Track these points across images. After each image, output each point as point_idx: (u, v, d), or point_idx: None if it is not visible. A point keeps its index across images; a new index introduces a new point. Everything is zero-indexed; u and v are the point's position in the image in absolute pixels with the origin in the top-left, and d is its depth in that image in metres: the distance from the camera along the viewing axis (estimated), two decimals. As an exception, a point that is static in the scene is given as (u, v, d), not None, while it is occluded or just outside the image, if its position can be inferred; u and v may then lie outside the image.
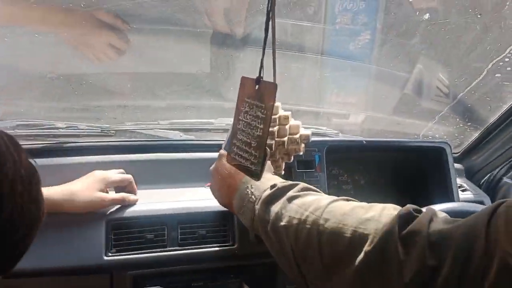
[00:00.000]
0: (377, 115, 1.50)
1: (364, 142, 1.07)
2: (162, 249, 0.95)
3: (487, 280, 0.43)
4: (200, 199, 1.07)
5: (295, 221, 0.66)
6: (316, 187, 0.99)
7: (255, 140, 0.66)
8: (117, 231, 0.95)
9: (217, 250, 0.98)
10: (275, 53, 0.64)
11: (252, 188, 0.78)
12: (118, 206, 0.98)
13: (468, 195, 1.30)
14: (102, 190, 0.93)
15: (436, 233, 0.50)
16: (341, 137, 1.36)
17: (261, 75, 0.64)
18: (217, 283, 0.99)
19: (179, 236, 0.97)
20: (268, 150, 0.68)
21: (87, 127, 1.19)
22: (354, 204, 0.65)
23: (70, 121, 1.16)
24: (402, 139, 1.12)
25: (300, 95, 1.47)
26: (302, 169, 1.00)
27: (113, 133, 1.20)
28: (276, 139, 0.74)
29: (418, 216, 0.55)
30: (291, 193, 0.72)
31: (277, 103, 0.73)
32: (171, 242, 0.97)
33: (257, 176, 0.67)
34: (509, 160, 1.41)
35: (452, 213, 0.83)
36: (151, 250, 0.94)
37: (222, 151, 0.88)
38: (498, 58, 1.06)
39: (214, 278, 0.99)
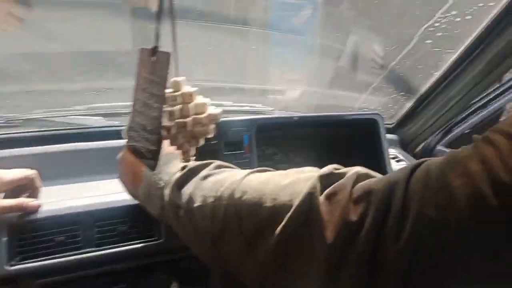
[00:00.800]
0: (313, 89, 1.41)
1: (296, 118, 0.97)
2: (76, 252, 0.82)
3: (403, 232, 0.40)
4: (120, 191, 0.94)
5: (210, 200, 0.58)
6: (247, 169, 0.90)
7: (150, 122, 0.56)
8: (21, 235, 0.80)
9: (141, 247, 0.86)
10: (174, 15, 0.53)
11: (159, 173, 0.67)
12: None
13: (402, 165, 1.25)
14: None
15: (359, 189, 0.46)
16: (276, 114, 1.26)
17: (157, 44, 0.53)
18: (142, 282, 0.87)
19: (95, 236, 0.84)
20: (165, 133, 0.57)
21: (-13, 119, 1.01)
22: (271, 173, 0.59)
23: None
24: (334, 113, 1.03)
25: (232, 71, 1.35)
26: (229, 151, 0.89)
27: (19, 123, 1.03)
28: (178, 120, 0.62)
29: (340, 174, 0.50)
30: (204, 171, 0.62)
31: (180, 78, 0.61)
32: (87, 243, 0.84)
33: (151, 165, 0.56)
34: (442, 128, 1.39)
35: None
36: (62, 254, 0.81)
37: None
38: (428, 24, 0.99)
39: (139, 277, 0.87)
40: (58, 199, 0.89)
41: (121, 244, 0.85)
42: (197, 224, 0.60)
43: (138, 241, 0.86)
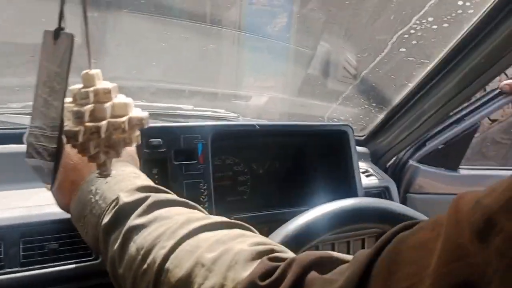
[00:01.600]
0: (281, 96, 1.36)
1: (257, 126, 0.91)
2: (-6, 273, 0.72)
3: None
4: (52, 203, 0.85)
5: (131, 274, 0.49)
6: (200, 181, 0.83)
7: (50, 125, 0.45)
8: None
9: (74, 268, 0.78)
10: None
11: (97, 194, 0.58)
12: None
13: (373, 180, 1.22)
14: None
15: None
16: (240, 121, 1.20)
17: (60, 25, 0.44)
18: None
19: (21, 253, 0.75)
20: (66, 140, 0.46)
21: None
22: (208, 241, 0.47)
23: None
24: (302, 122, 0.99)
25: (197, 74, 1.28)
26: (181, 160, 0.81)
27: None
28: (87, 124, 0.48)
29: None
30: (132, 220, 0.52)
31: (94, 71, 0.48)
32: (10, 262, 0.74)
33: (46, 179, 0.47)
34: (415, 142, 1.37)
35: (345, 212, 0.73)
36: (-24, 276, 0.71)
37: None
38: (403, 30, 0.96)
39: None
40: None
41: (51, 264, 0.76)
42: None
43: (72, 261, 0.78)
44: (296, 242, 0.70)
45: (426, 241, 0.29)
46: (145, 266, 0.47)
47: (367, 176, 1.22)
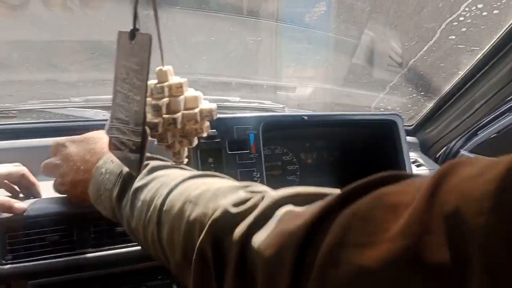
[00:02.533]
0: (326, 87, 1.41)
1: (305, 118, 0.97)
2: (70, 253, 0.82)
3: None
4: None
5: (141, 224, 0.57)
6: (253, 170, 0.91)
7: (133, 118, 0.53)
8: (12, 233, 0.81)
9: (141, 249, 0.87)
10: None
11: (106, 173, 0.67)
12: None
13: (423, 170, 1.25)
14: None
15: (252, 245, 0.40)
16: (286, 112, 1.27)
17: (136, 26, 0.51)
18: (141, 287, 0.88)
19: (91, 236, 0.85)
20: (149, 131, 0.54)
21: (-21, 109, 1.03)
22: (203, 181, 0.55)
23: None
24: (349, 112, 1.03)
25: (242, 66, 1.36)
26: (234, 150, 0.89)
27: (15, 113, 1.05)
28: (165, 115, 0.56)
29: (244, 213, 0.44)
30: (136, 182, 0.61)
31: (166, 67, 0.56)
32: (82, 244, 0.84)
33: (135, 168, 0.55)
34: (466, 132, 1.38)
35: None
36: (55, 255, 0.81)
37: (59, 140, 0.78)
38: (452, 18, 0.98)
39: (138, 281, 0.88)
40: (53, 195, 0.90)
41: (120, 246, 0.86)
42: (142, 243, 0.60)
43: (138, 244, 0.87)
44: None
45: (399, 205, 0.29)
46: (149, 214, 0.56)
47: (417, 166, 1.25)
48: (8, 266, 0.79)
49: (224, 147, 0.88)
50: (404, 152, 1.06)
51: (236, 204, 0.45)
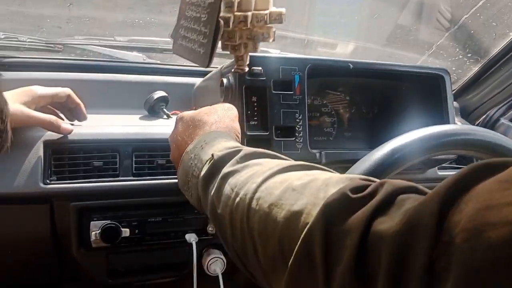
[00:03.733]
0: (368, 45, 1.38)
1: (351, 66, 0.95)
2: (113, 179, 0.85)
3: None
4: (159, 125, 0.97)
5: (228, 210, 0.53)
6: (296, 111, 0.90)
7: (205, 11, 0.54)
8: (58, 156, 0.84)
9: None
10: None
11: (195, 158, 0.64)
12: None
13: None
14: (28, 106, 0.79)
15: (374, 230, 0.35)
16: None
17: None
18: (178, 218, 0.90)
19: (133, 165, 0.87)
20: (222, 22, 0.55)
21: (29, 39, 1.05)
22: (296, 175, 0.50)
23: (7, 30, 1.01)
24: (395, 63, 1.01)
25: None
26: (278, 90, 0.88)
27: (60, 48, 1.07)
28: (236, 13, 0.57)
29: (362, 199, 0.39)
30: (226, 168, 0.57)
31: None
32: (124, 171, 0.87)
33: (205, 61, 0.55)
34: (508, 99, 1.34)
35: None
36: (99, 180, 0.84)
37: (180, 115, 0.76)
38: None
39: (175, 213, 0.90)
40: (95, 125, 0.92)
41: (159, 177, 0.88)
42: (224, 232, 0.56)
43: (176, 176, 0.89)
44: (386, 165, 0.71)
45: None
46: (238, 199, 0.51)
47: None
48: (52, 185, 0.81)
49: (269, 86, 0.87)
50: (449, 109, 1.03)
51: (353, 190, 0.40)
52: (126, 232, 0.84)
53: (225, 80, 0.87)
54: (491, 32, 1.16)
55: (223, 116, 0.72)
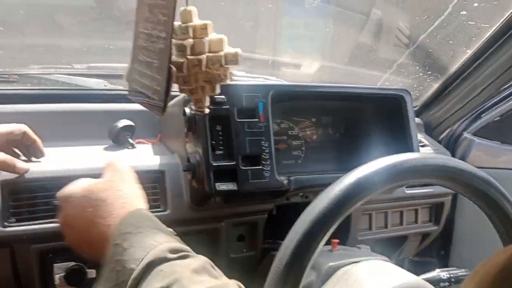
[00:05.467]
0: (331, 64, 1.41)
1: (315, 88, 0.97)
2: (75, 217, 0.82)
3: None
4: (123, 157, 0.95)
5: None
6: (262, 139, 0.90)
7: (157, 57, 0.53)
8: (16, 196, 0.81)
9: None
10: None
11: (129, 248, 0.56)
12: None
13: (428, 150, 1.26)
14: None
15: None
16: (292, 85, 1.26)
17: None
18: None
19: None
20: (175, 69, 0.54)
21: (-20, 71, 1.01)
22: None
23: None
24: (358, 85, 1.03)
25: (245, 39, 1.35)
26: (243, 118, 0.88)
27: (15, 78, 1.03)
28: (189, 56, 0.56)
29: None
30: (153, 283, 0.51)
31: (190, 8, 0.56)
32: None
33: (160, 110, 0.54)
34: (470, 113, 1.39)
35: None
36: (60, 219, 0.81)
37: (64, 196, 0.66)
38: (465, -9, 0.99)
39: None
40: (54, 160, 0.89)
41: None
42: None
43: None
44: (349, 196, 0.68)
45: None
46: None
47: (421, 146, 1.26)
48: (12, 228, 0.78)
49: (232, 114, 0.87)
50: (412, 129, 1.06)
51: None
52: (92, 273, 0.81)
53: (187, 110, 0.87)
54: (449, 50, 1.21)
55: (124, 186, 0.66)
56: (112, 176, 0.67)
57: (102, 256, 0.58)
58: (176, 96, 0.99)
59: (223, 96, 0.87)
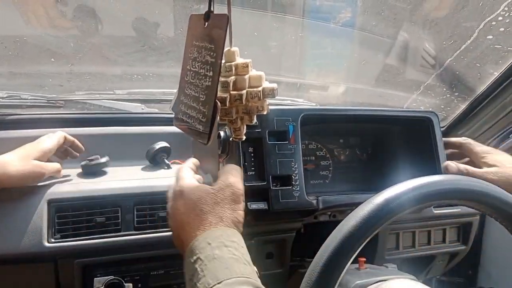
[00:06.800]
0: (358, 86, 1.43)
1: (344, 112, 0.99)
2: (115, 234, 0.87)
3: None
4: (160, 177, 0.99)
5: None
6: (291, 160, 0.92)
7: (203, 92, 0.58)
8: (62, 213, 0.85)
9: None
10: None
11: (202, 269, 0.60)
12: (61, 184, 0.89)
13: (455, 170, 1.24)
14: (39, 160, 0.85)
15: None
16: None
17: (211, 8, 0.55)
18: (180, 271, 0.90)
19: (135, 219, 0.89)
20: (219, 104, 0.59)
21: (31, 97, 1.08)
22: None
23: (10, 89, 1.05)
24: (385, 108, 1.04)
25: (275, 64, 1.38)
26: (274, 141, 0.91)
27: (61, 103, 1.10)
28: (232, 92, 0.62)
29: None
30: None
31: (234, 48, 0.62)
32: (126, 226, 0.88)
33: (204, 139, 0.58)
34: (500, 133, 1.37)
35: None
36: (102, 236, 0.86)
37: (179, 188, 0.70)
38: (491, 17, 0.99)
39: (177, 265, 0.91)
40: (97, 180, 0.94)
41: (161, 230, 0.90)
42: None
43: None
44: (377, 216, 0.66)
45: None
46: None
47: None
48: (57, 244, 0.83)
49: (264, 137, 0.90)
50: (440, 151, 1.06)
51: None
52: (129, 287, 0.85)
53: (222, 133, 0.89)
54: (476, 72, 1.20)
55: (223, 204, 0.67)
56: (218, 191, 0.68)
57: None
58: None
59: (255, 121, 0.89)
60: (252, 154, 0.91)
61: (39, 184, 0.87)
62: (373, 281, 0.84)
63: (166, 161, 1.08)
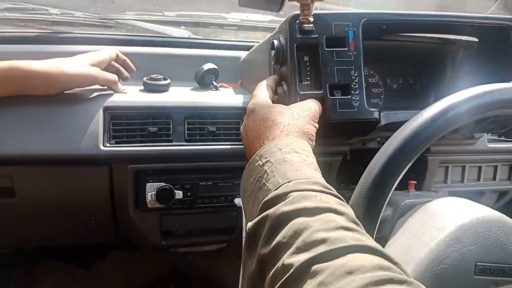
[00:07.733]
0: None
1: (411, 17, 0.89)
2: (167, 144, 0.88)
3: None
4: (209, 95, 0.99)
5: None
6: (351, 68, 0.84)
7: None
8: (116, 121, 0.87)
9: (229, 148, 0.90)
10: None
11: (272, 170, 0.57)
12: (117, 94, 0.90)
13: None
14: (98, 67, 0.87)
15: None
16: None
17: None
18: (228, 183, 0.92)
19: (186, 132, 0.89)
20: None
21: (83, 15, 1.09)
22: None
23: (63, 5, 1.06)
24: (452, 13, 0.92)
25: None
26: (331, 47, 0.81)
27: (112, 24, 1.10)
28: None
29: None
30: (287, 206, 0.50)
31: None
32: (177, 137, 0.89)
33: (275, 6, 0.55)
34: None
35: None
36: (154, 144, 0.87)
37: (252, 106, 0.70)
38: None
39: (225, 178, 0.92)
40: (150, 94, 0.95)
41: (210, 143, 0.90)
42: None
43: (226, 143, 0.91)
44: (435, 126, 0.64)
45: None
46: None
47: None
48: (112, 148, 0.85)
49: (321, 43, 0.81)
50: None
51: None
52: (179, 194, 0.87)
53: (275, 42, 0.83)
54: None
55: (297, 117, 0.67)
56: (294, 106, 0.69)
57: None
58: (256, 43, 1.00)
59: (311, 25, 0.81)
60: (307, 63, 0.83)
61: (96, 94, 0.89)
62: (423, 200, 0.82)
63: (214, 83, 1.07)
